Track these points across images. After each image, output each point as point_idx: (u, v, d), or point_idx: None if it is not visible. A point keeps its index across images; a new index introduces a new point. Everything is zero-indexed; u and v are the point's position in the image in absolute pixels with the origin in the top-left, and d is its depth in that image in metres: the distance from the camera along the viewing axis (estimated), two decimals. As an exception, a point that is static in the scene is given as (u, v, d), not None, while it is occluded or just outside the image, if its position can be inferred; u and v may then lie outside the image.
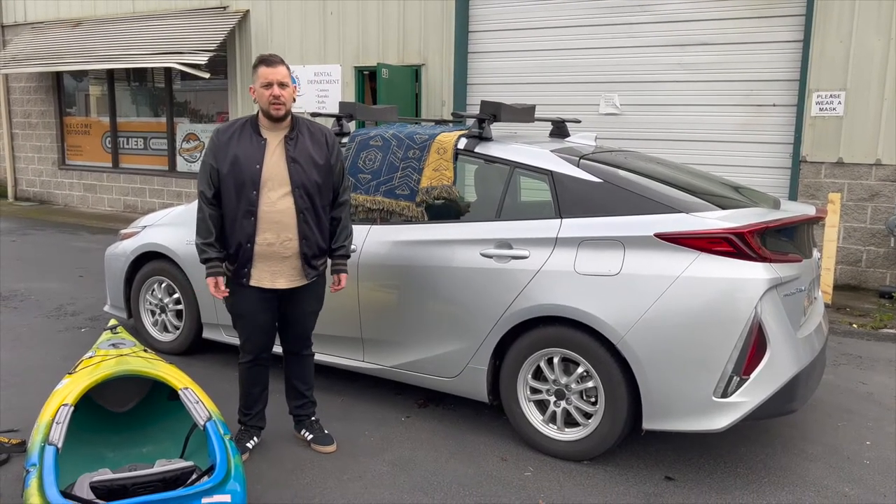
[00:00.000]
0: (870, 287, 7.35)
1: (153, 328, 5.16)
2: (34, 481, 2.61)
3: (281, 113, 3.31)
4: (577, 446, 3.55)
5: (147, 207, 12.19)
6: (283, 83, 3.28)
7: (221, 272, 3.39)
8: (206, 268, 3.39)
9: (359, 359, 4.21)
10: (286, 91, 3.30)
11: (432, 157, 3.99)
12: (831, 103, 7.25)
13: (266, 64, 3.30)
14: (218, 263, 3.38)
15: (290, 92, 3.33)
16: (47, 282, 7.31)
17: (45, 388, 4.37)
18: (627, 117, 8.39)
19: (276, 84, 3.27)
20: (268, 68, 3.28)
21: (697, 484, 3.41)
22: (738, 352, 3.19)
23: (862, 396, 4.58)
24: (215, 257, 3.37)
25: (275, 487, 3.31)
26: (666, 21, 8.05)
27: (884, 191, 7.17)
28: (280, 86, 3.28)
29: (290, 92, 3.33)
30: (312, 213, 3.40)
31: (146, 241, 5.00)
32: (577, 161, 3.72)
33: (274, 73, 3.28)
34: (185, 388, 3.24)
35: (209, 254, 3.36)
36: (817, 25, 7.23)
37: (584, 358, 3.46)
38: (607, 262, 3.41)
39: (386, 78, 8.89)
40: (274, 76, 3.27)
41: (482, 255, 3.73)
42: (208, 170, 3.36)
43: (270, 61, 3.30)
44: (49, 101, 13.23)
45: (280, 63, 3.31)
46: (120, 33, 11.58)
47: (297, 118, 3.45)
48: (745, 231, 3.23)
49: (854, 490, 3.38)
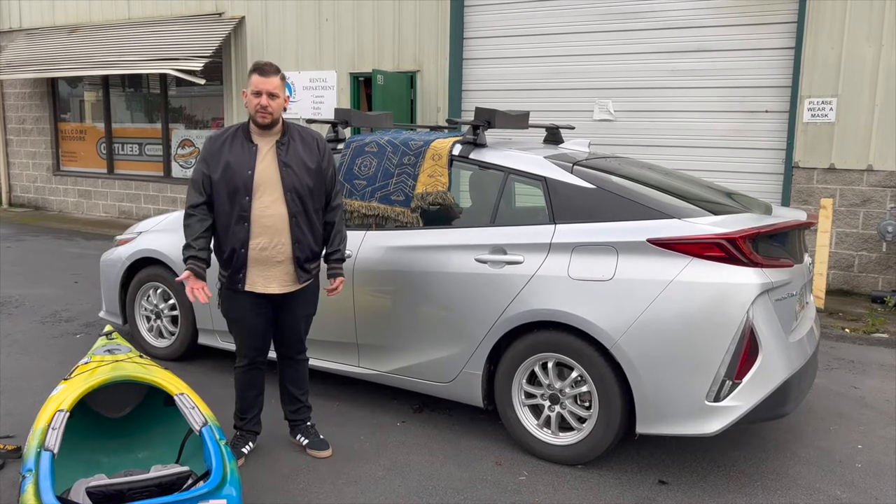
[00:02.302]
0: (862, 292, 7.40)
1: (148, 334, 5.17)
2: (30, 487, 2.62)
3: (266, 121, 3.33)
4: (572, 450, 3.57)
5: (142, 213, 12.18)
6: (272, 94, 3.29)
7: (199, 272, 3.31)
8: (185, 265, 3.31)
9: (354, 364, 4.22)
10: (275, 102, 3.31)
11: (427, 164, 4.01)
12: (823, 109, 7.30)
13: (259, 73, 3.31)
14: (198, 262, 3.31)
15: (280, 102, 3.34)
16: (42, 288, 7.30)
17: (40, 394, 4.37)
18: (621, 123, 8.44)
19: (265, 94, 3.28)
20: (260, 77, 3.30)
21: (691, 487, 3.43)
22: (731, 356, 3.21)
23: (854, 400, 4.61)
24: (194, 255, 3.30)
25: (270, 492, 3.32)
26: (659, 28, 8.11)
27: (875, 196, 7.22)
28: (269, 96, 3.29)
29: (280, 102, 3.34)
30: (304, 217, 3.42)
31: (141, 247, 5.01)
32: (570, 167, 3.75)
33: (265, 84, 3.29)
34: (181, 394, 3.25)
35: (190, 252, 3.31)
36: (809, 32, 7.29)
37: (578, 362, 3.48)
38: (601, 268, 3.44)
39: (381, 84, 8.92)
40: (264, 86, 3.29)
41: (477, 261, 3.75)
42: (200, 177, 3.37)
43: (264, 70, 3.31)
44: (44, 106, 13.22)
45: (274, 73, 3.32)
46: (115, 39, 11.59)
47: (288, 124, 3.47)
48: (737, 236, 3.26)
49: (846, 493, 3.41)
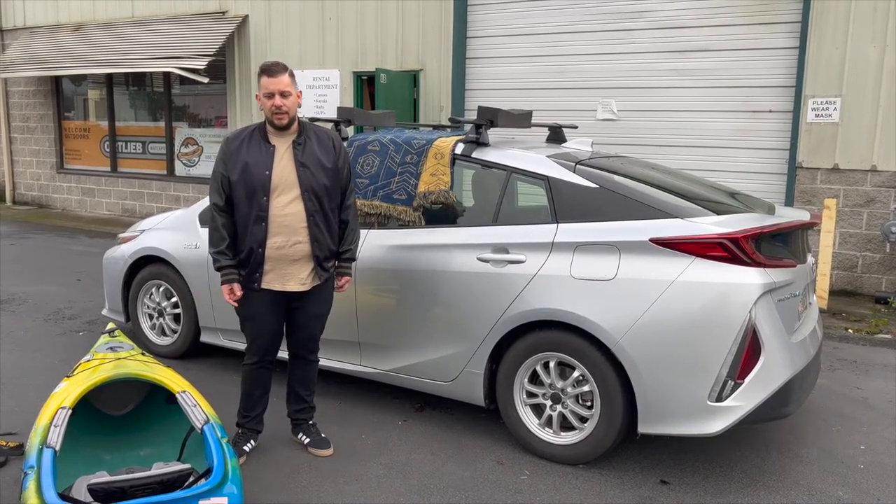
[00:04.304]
0: (865, 292, 7.38)
1: (151, 332, 5.17)
2: (32, 484, 2.62)
3: (284, 122, 3.34)
4: (573, 450, 3.56)
5: (145, 211, 12.20)
6: (284, 93, 3.29)
7: (236, 279, 3.42)
8: (220, 275, 3.42)
9: (356, 362, 4.22)
10: (288, 100, 3.31)
11: (430, 162, 4.01)
12: (827, 109, 7.29)
13: (267, 74, 3.31)
14: (232, 271, 3.41)
15: (294, 100, 3.35)
16: (45, 285, 7.31)
17: (42, 392, 4.38)
18: (624, 123, 8.42)
19: (277, 94, 3.29)
20: (269, 78, 3.30)
21: (692, 487, 3.43)
22: (733, 356, 3.21)
23: (857, 401, 4.60)
24: (228, 265, 3.40)
25: (271, 490, 3.32)
26: (663, 27, 8.09)
27: (879, 197, 7.20)
28: (281, 95, 3.29)
29: (294, 100, 3.35)
30: (322, 216, 3.43)
31: (144, 245, 5.02)
32: (573, 166, 3.75)
33: (275, 84, 3.29)
34: (183, 392, 3.26)
35: (222, 262, 3.40)
36: (813, 32, 7.27)
37: (579, 362, 3.48)
38: (603, 267, 3.43)
39: (384, 83, 8.92)
40: (275, 86, 3.29)
41: (479, 260, 3.75)
42: (219, 178, 3.39)
43: (272, 71, 3.31)
44: (48, 105, 13.25)
45: (281, 72, 3.31)
46: (119, 38, 11.61)
47: (304, 123, 3.48)
48: (740, 236, 3.26)
49: (848, 494, 3.40)
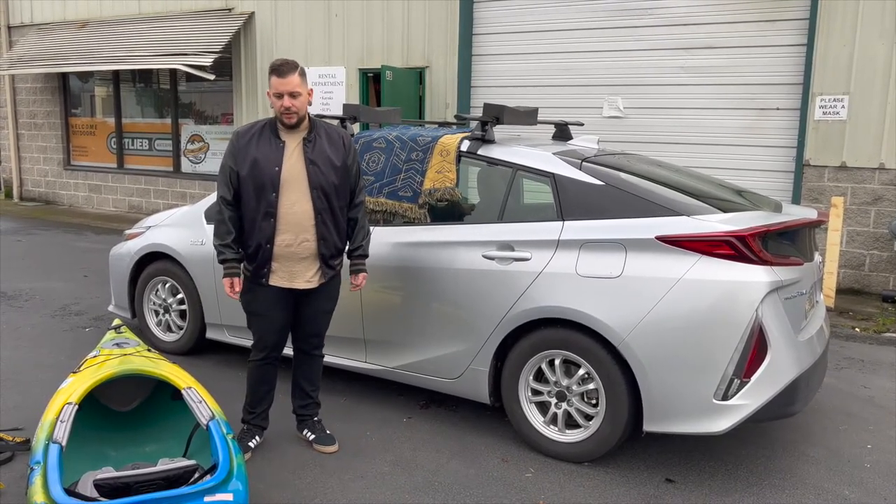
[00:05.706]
0: (873, 291, 7.34)
1: (157, 328, 5.19)
2: (38, 479, 2.63)
3: (293, 122, 3.34)
4: (578, 448, 3.56)
5: (151, 208, 12.23)
6: (293, 93, 3.28)
7: (237, 273, 3.43)
8: (223, 268, 3.43)
9: (361, 359, 4.23)
10: (298, 100, 3.30)
11: (435, 160, 4.01)
12: (835, 107, 7.25)
13: (277, 74, 3.29)
14: (235, 265, 3.42)
15: (304, 100, 3.34)
16: (52, 281, 7.34)
17: (49, 387, 4.39)
18: (630, 120, 8.40)
19: (286, 95, 3.28)
20: (278, 79, 3.29)
21: (698, 486, 3.42)
22: (739, 354, 3.19)
23: (863, 400, 4.58)
24: (232, 258, 3.41)
25: (277, 487, 3.33)
26: (670, 24, 8.06)
27: (887, 195, 7.16)
28: (291, 96, 3.28)
29: (304, 100, 3.34)
30: (330, 214, 3.43)
31: (150, 242, 5.03)
32: (579, 164, 3.74)
33: (284, 84, 3.28)
34: (189, 388, 3.26)
35: (226, 255, 3.40)
36: (821, 29, 7.23)
37: (585, 360, 3.47)
38: (609, 265, 3.42)
39: (390, 80, 8.91)
40: (284, 87, 3.28)
41: (484, 257, 3.74)
42: (227, 172, 3.39)
43: (281, 71, 3.29)
44: (55, 101, 13.29)
45: (291, 72, 3.29)
46: (125, 35, 11.63)
47: (314, 121, 3.47)
48: (747, 234, 3.24)
49: (854, 493, 3.39)
